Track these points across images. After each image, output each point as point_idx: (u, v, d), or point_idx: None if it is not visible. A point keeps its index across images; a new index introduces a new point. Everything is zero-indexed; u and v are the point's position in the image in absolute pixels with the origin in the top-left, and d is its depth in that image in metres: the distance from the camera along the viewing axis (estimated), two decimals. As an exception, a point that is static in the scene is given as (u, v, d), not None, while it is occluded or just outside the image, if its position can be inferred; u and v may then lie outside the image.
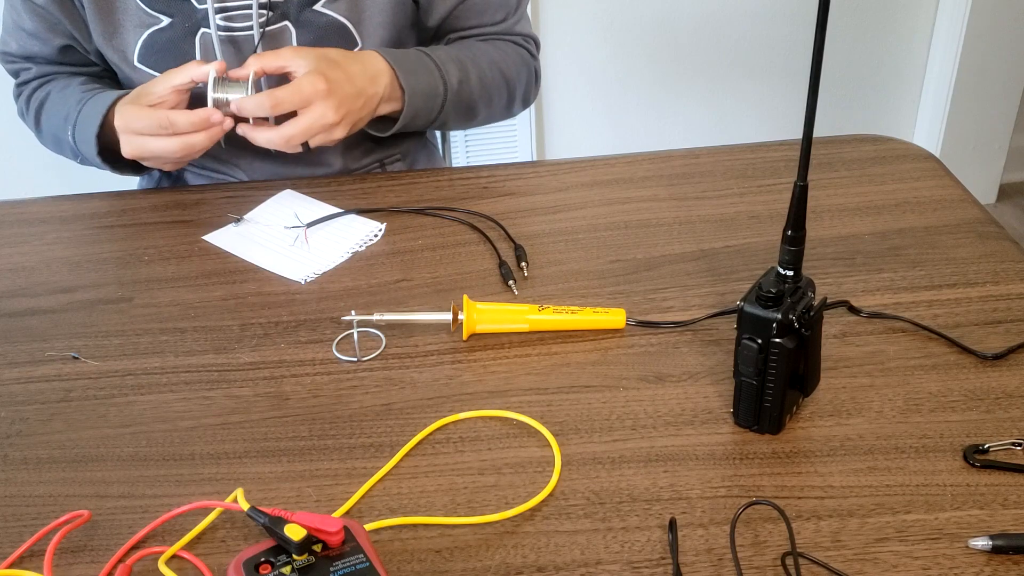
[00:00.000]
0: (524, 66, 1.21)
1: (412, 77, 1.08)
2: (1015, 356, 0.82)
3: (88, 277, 0.98)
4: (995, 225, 0.99)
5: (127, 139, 1.02)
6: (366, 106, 1.04)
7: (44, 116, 1.18)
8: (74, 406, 0.82)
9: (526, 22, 1.23)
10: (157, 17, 1.08)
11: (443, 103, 1.11)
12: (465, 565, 0.66)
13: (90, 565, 0.67)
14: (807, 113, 0.67)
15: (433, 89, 1.10)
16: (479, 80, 1.14)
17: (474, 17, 1.17)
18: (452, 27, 1.18)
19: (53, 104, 1.16)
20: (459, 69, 1.12)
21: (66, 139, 1.13)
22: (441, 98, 1.11)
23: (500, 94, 1.18)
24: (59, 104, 1.15)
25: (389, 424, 0.78)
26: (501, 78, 1.17)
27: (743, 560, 0.65)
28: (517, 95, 1.22)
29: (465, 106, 1.15)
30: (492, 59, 1.17)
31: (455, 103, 1.13)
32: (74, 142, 1.12)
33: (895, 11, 2.38)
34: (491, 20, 1.18)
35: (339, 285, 0.95)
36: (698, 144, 1.17)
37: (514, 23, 1.20)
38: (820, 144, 1.12)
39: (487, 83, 1.16)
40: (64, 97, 1.15)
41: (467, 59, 1.14)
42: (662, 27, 2.32)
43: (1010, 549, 0.65)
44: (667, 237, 1.00)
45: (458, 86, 1.12)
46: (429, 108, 1.11)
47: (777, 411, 0.74)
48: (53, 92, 1.17)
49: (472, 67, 1.13)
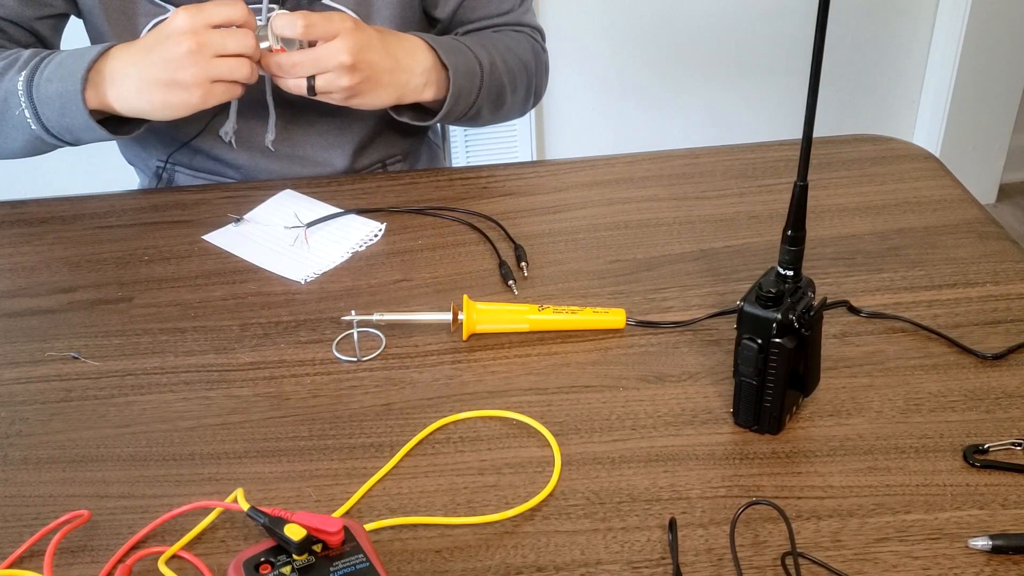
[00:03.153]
0: (535, 55, 1.21)
1: (453, 55, 1.06)
2: (1015, 356, 0.82)
3: (88, 277, 0.98)
4: (995, 225, 0.99)
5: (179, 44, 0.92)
6: (396, 73, 1.01)
7: None
8: (74, 406, 0.82)
9: (531, 14, 1.23)
10: (165, 7, 1.08)
11: (480, 83, 1.10)
12: (465, 565, 0.66)
13: (90, 565, 0.67)
14: (807, 113, 0.67)
15: (472, 68, 1.08)
16: (504, 64, 1.14)
17: (481, 8, 1.17)
18: (461, 19, 1.18)
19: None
20: (487, 52, 1.12)
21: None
22: (479, 77, 1.09)
23: (521, 80, 1.18)
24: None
25: (389, 424, 0.78)
26: (521, 64, 1.17)
27: (743, 560, 0.65)
28: (533, 84, 1.21)
29: (496, 90, 1.13)
30: (508, 46, 1.17)
31: (489, 85, 1.11)
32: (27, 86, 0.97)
33: (895, 11, 2.38)
34: (498, 10, 1.18)
35: (339, 285, 0.95)
36: (698, 144, 1.17)
37: (521, 14, 1.20)
38: (820, 144, 1.12)
39: (511, 67, 1.15)
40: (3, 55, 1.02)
41: (489, 45, 1.13)
42: (662, 27, 2.32)
43: (1010, 549, 0.65)
44: (667, 237, 1.00)
45: (490, 67, 1.11)
46: (469, 89, 1.09)
47: (777, 411, 0.74)
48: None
49: (495, 52, 1.13)
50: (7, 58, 1.02)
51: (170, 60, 0.93)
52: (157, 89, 0.95)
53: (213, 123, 1.15)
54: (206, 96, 0.95)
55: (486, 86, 1.10)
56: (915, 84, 2.50)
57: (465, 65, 1.07)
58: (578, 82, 2.36)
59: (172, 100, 0.95)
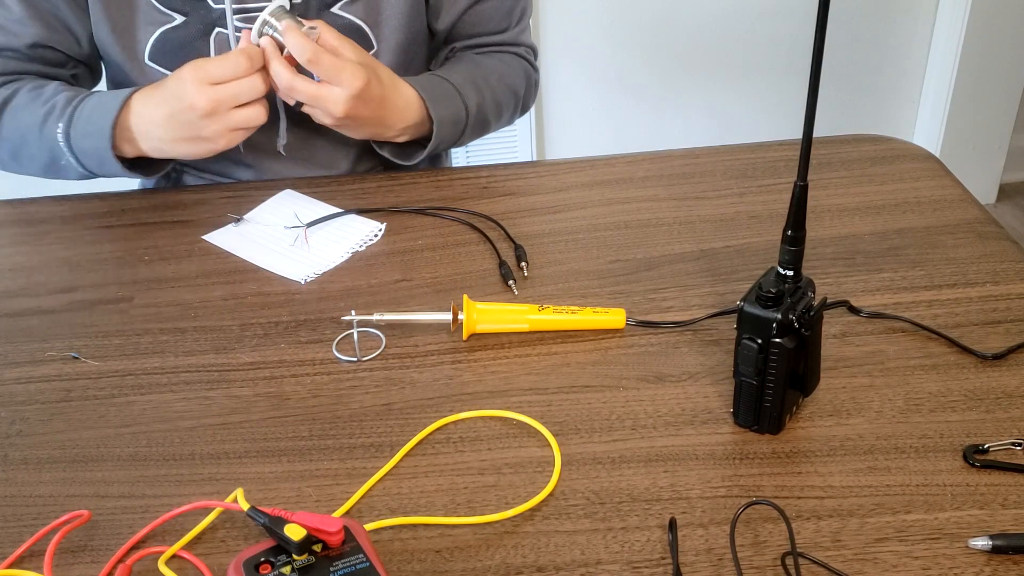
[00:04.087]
0: (526, 78, 1.24)
1: (440, 107, 1.10)
2: (1015, 356, 0.82)
3: (88, 277, 0.98)
4: (995, 225, 0.99)
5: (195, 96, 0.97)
6: (377, 127, 1.06)
7: (7, 116, 1.07)
8: (74, 406, 0.82)
9: (527, 33, 1.25)
10: (171, 15, 1.08)
11: (464, 127, 1.14)
12: (465, 565, 0.66)
13: (90, 565, 0.67)
14: (807, 113, 0.67)
15: (457, 116, 1.12)
16: (492, 98, 1.17)
17: (479, 25, 1.19)
18: (458, 34, 1.20)
19: (24, 103, 1.06)
20: (476, 92, 1.14)
21: (42, 140, 1.04)
22: (463, 123, 1.13)
23: (508, 107, 1.22)
24: (33, 103, 1.06)
25: (389, 424, 0.78)
26: (510, 93, 1.21)
27: (743, 560, 0.65)
28: (519, 106, 1.25)
29: (481, 125, 1.17)
30: (500, 75, 1.19)
31: (474, 124, 1.15)
32: (66, 139, 1.03)
33: (895, 11, 2.39)
34: (495, 28, 1.20)
35: (339, 285, 0.95)
36: (698, 144, 1.17)
37: (517, 33, 1.23)
38: (820, 144, 1.12)
39: (499, 100, 1.18)
40: (39, 96, 1.06)
41: (480, 79, 1.16)
42: (662, 27, 2.32)
43: (1010, 549, 0.65)
44: (667, 237, 1.00)
45: (476, 110, 1.14)
46: (453, 134, 1.13)
47: (777, 411, 0.74)
48: (22, 91, 1.07)
49: (485, 87, 1.16)
50: (44, 101, 1.06)
51: (190, 123, 0.99)
52: (184, 144, 1.02)
53: None
54: (230, 142, 1.02)
55: (470, 128, 1.15)
56: (915, 84, 2.50)
57: (450, 114, 1.11)
58: (578, 82, 2.36)
59: (199, 151, 1.03)
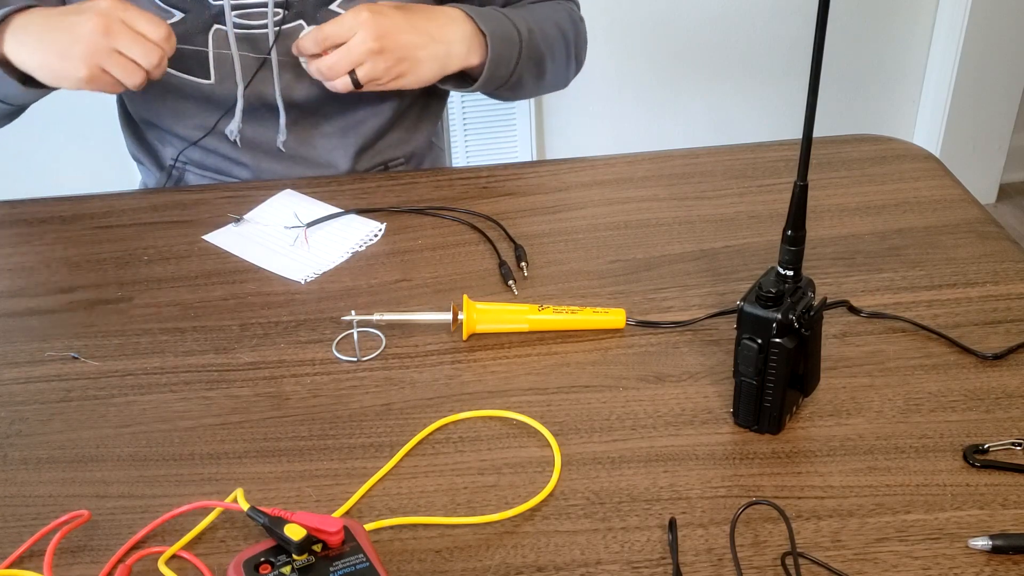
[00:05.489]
0: (574, 24, 1.22)
1: (490, 23, 1.08)
2: (1015, 356, 0.82)
3: (88, 277, 0.98)
4: (995, 225, 0.99)
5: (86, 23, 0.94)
6: (432, 47, 1.04)
7: None
8: (74, 406, 0.82)
9: None
10: (170, 11, 1.08)
11: (520, 50, 1.11)
12: (465, 565, 0.66)
13: (90, 565, 0.67)
14: (807, 113, 0.67)
15: (509, 34, 1.10)
16: (542, 32, 1.15)
17: None
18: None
19: None
20: (524, 21, 1.13)
21: None
22: (517, 44, 1.11)
23: (560, 47, 1.19)
24: None
25: (389, 424, 0.78)
26: (559, 32, 1.18)
27: (743, 560, 0.65)
28: (572, 51, 1.22)
29: (536, 57, 1.14)
30: (546, 15, 1.17)
31: (528, 51, 1.13)
32: None
33: (895, 11, 2.38)
34: None
35: (339, 285, 0.95)
36: (698, 144, 1.17)
37: None
38: (820, 144, 1.12)
39: (549, 36, 1.16)
40: None
41: (526, 14, 1.14)
42: (662, 27, 2.32)
43: (1010, 549, 0.65)
44: (667, 237, 1.00)
45: (528, 35, 1.12)
46: (508, 55, 1.10)
47: (777, 411, 0.74)
48: None
49: (533, 21, 1.14)
50: None
51: (73, 30, 0.95)
52: (51, 52, 0.97)
53: (222, 123, 1.16)
54: (91, 79, 0.97)
55: (525, 52, 1.12)
56: (915, 84, 2.50)
57: (503, 31, 1.09)
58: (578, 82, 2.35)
59: (59, 68, 0.97)
